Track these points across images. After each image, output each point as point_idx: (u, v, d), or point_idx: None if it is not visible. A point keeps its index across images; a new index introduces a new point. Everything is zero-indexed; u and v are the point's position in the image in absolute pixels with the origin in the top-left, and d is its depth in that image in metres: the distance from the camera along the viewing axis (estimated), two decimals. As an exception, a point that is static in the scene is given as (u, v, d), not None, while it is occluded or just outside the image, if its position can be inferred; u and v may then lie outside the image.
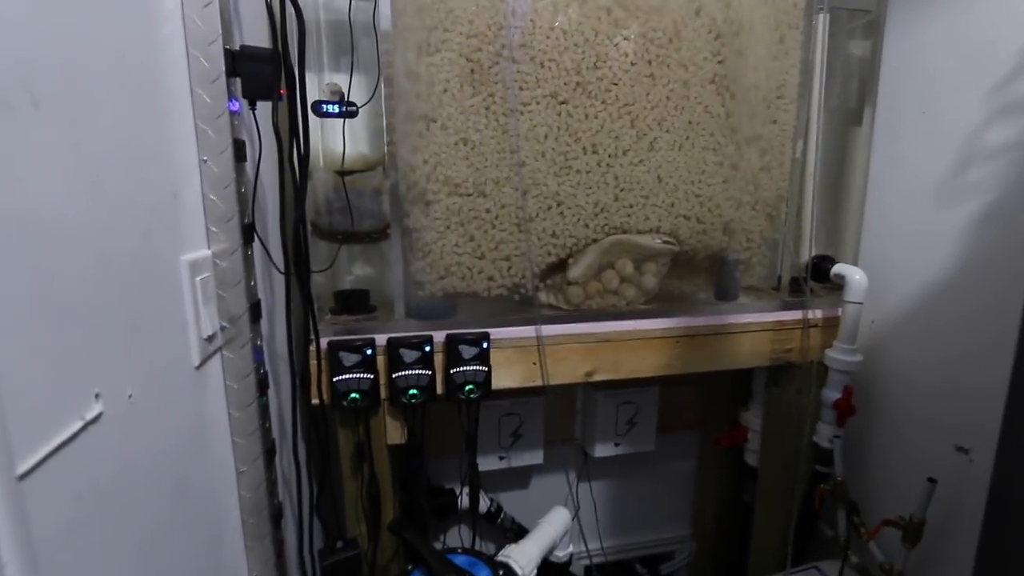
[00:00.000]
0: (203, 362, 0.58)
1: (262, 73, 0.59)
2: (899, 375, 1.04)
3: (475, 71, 0.87)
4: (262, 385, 0.68)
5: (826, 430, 1.06)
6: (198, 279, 0.56)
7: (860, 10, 1.11)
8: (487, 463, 1.21)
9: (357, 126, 1.06)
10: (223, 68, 0.58)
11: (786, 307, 1.09)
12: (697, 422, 1.39)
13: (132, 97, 0.46)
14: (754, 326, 1.07)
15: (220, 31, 0.57)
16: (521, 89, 0.89)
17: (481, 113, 0.89)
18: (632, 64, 0.93)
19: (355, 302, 0.98)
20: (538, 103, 0.90)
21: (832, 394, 1.05)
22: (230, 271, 0.62)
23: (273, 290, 0.77)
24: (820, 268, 1.10)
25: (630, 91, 0.94)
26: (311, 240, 0.92)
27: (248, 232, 0.63)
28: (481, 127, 0.89)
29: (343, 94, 0.85)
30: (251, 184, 0.63)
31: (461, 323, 0.96)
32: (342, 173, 0.90)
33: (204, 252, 0.59)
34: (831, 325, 1.10)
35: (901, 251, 1.04)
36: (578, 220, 0.96)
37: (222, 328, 0.62)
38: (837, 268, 1.06)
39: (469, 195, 0.90)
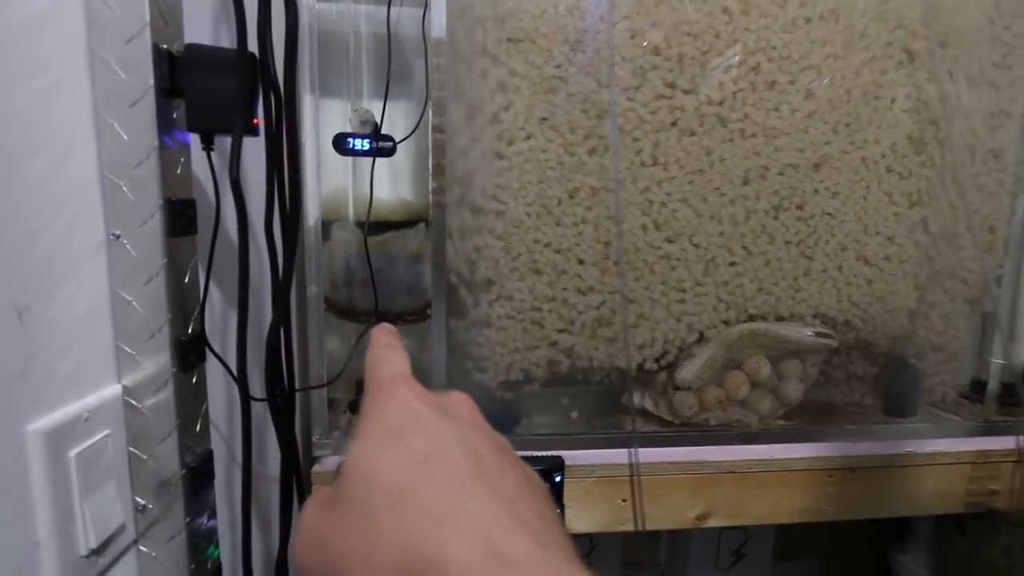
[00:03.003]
0: (86, 586, 0.32)
1: (221, 89, 0.34)
2: None
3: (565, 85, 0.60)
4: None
5: (1058, 622, 0.70)
6: (74, 453, 0.31)
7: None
8: (546, 597, 0.91)
9: (400, 166, 0.81)
10: (152, 81, 0.33)
11: (991, 430, 0.74)
12: (823, 550, 1.04)
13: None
14: (944, 457, 0.72)
15: (148, 19, 0.33)
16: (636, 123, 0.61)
17: (571, 137, 0.62)
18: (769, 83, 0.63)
19: (383, 396, 0.72)
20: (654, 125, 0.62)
21: (1071, 570, 0.69)
22: (156, 414, 0.36)
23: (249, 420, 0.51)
24: (1047, 377, 0.74)
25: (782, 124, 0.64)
26: (326, 319, 0.67)
27: (190, 349, 0.37)
28: (565, 157, 0.62)
29: (376, 125, 0.60)
30: (202, 269, 0.38)
31: (524, 440, 0.67)
32: (371, 229, 0.65)
33: (103, 395, 0.34)
34: (1059, 459, 0.74)
35: None
36: (696, 297, 0.67)
37: (140, 509, 0.37)
38: (1084, 382, 0.70)
39: (553, 252, 0.63)
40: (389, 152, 0.58)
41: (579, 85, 0.60)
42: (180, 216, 0.35)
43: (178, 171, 0.36)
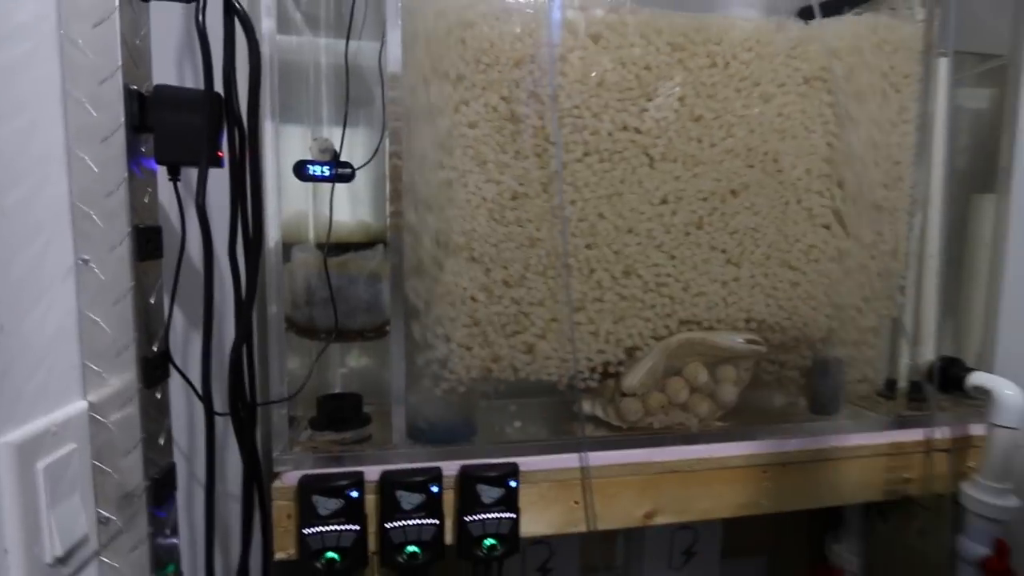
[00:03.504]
0: (52, 595, 0.34)
1: (189, 126, 0.37)
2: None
3: (508, 119, 0.65)
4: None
5: (967, 595, 0.77)
6: (42, 465, 0.33)
7: (988, 55, 0.88)
8: (509, 606, 0.94)
9: (359, 189, 0.84)
10: (123, 119, 0.36)
11: (903, 424, 0.82)
12: (767, 545, 1.10)
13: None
14: (863, 450, 0.80)
15: (120, 62, 0.36)
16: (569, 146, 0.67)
17: (513, 165, 0.67)
18: (688, 117, 0.70)
19: (344, 412, 0.74)
20: (596, 155, 0.68)
21: (975, 547, 0.76)
22: (121, 429, 0.38)
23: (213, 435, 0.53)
24: (948, 375, 0.83)
25: (693, 148, 0.71)
26: (287, 339, 0.69)
27: (155, 366, 0.39)
28: (515, 183, 0.66)
29: (335, 152, 0.63)
30: (167, 291, 0.40)
31: (479, 449, 0.71)
32: (331, 250, 0.68)
33: (69, 410, 0.36)
34: (961, 448, 0.83)
35: (1063, 357, 0.77)
36: (637, 310, 0.72)
37: (103, 521, 0.38)
38: (978, 378, 0.79)
39: (493, 272, 0.67)
40: (348, 178, 0.61)
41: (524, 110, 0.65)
42: (147, 242, 0.38)
43: (145, 200, 0.39)
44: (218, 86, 0.40)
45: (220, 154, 0.39)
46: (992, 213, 0.85)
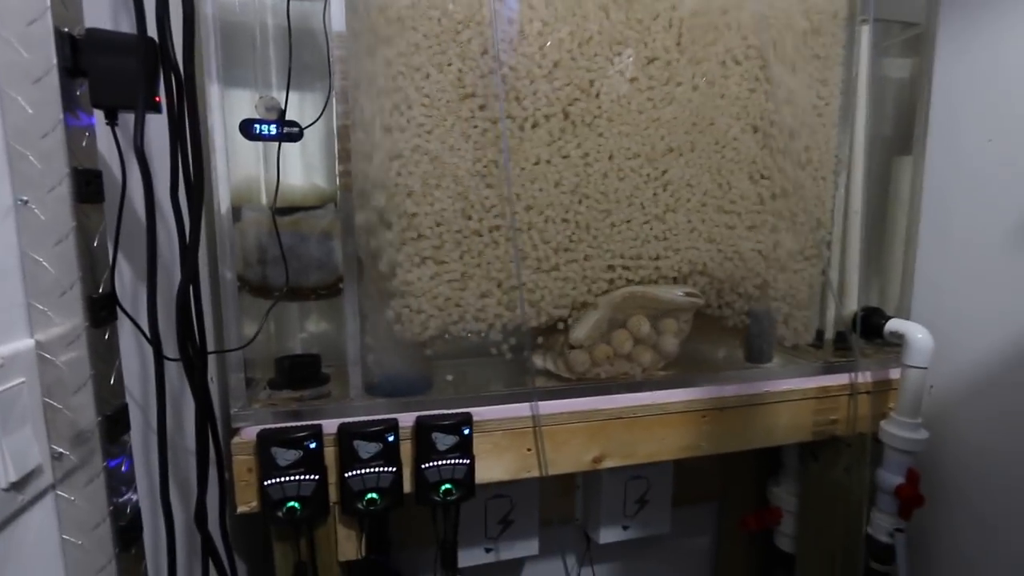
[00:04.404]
0: (6, 521, 0.35)
1: (122, 69, 0.38)
2: (977, 453, 0.83)
3: (457, 77, 0.67)
4: (126, 534, 0.44)
5: (885, 521, 0.85)
6: (-10, 393, 0.34)
7: (906, 23, 0.94)
8: (471, 557, 0.97)
9: (311, 152, 0.85)
10: (55, 61, 0.37)
11: (829, 370, 0.88)
12: (716, 492, 1.17)
13: None
14: (794, 394, 0.86)
15: (49, 4, 0.36)
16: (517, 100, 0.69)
17: (461, 124, 0.69)
18: (639, 86, 0.74)
19: (302, 372, 0.75)
20: (538, 120, 0.71)
21: (891, 477, 0.84)
22: (70, 368, 0.39)
23: (171, 377, 0.54)
24: (869, 323, 0.89)
25: (638, 115, 0.74)
26: (241, 298, 0.70)
27: (102, 306, 0.41)
28: (460, 142, 0.68)
29: (282, 111, 0.64)
30: (110, 234, 0.41)
31: (435, 401, 0.74)
32: (281, 212, 0.69)
33: (16, 346, 0.37)
34: (881, 391, 0.90)
35: (969, 301, 0.84)
36: (581, 265, 0.75)
37: (56, 456, 0.40)
38: (893, 324, 0.86)
39: (444, 226, 0.69)
40: (295, 137, 0.62)
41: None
42: (87, 184, 0.39)
43: (83, 144, 0.39)
44: (152, 34, 0.40)
45: (157, 99, 0.40)
46: (909, 174, 0.92)
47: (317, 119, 0.66)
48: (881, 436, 0.85)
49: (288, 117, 0.67)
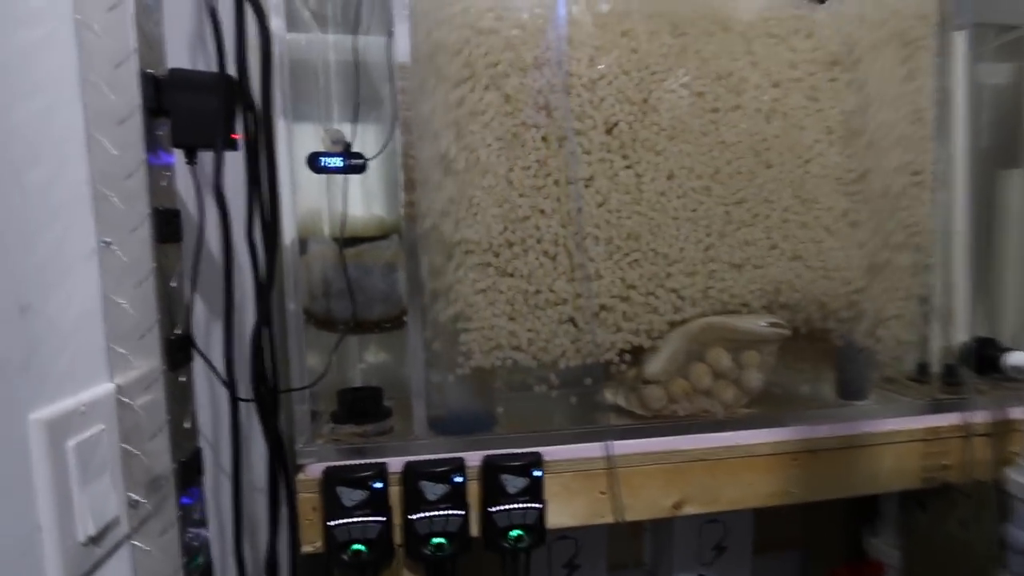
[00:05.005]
0: (82, 578, 0.33)
1: (204, 108, 0.38)
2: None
3: (515, 120, 0.65)
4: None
5: (1015, 585, 0.74)
6: (72, 443, 0.33)
7: (1004, 25, 0.86)
8: (535, 604, 0.92)
9: (372, 183, 0.85)
10: (139, 101, 0.37)
11: (938, 408, 0.79)
12: (800, 540, 1.06)
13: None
14: (898, 436, 0.77)
15: (135, 46, 0.36)
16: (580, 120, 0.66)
17: (521, 151, 0.66)
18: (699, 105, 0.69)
19: (365, 405, 0.74)
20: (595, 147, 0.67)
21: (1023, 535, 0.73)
22: (147, 412, 0.38)
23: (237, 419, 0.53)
24: (983, 355, 0.80)
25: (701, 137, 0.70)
26: (305, 331, 0.69)
27: (178, 348, 0.40)
28: (519, 169, 0.66)
29: (347, 143, 0.64)
30: (187, 275, 0.41)
31: (501, 440, 0.70)
32: (346, 243, 0.68)
33: (96, 391, 0.36)
34: (1002, 432, 0.79)
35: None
36: (667, 305, 0.70)
37: (133, 504, 0.38)
38: (1014, 358, 0.76)
39: (502, 255, 0.66)
40: (360, 168, 0.61)
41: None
42: (166, 224, 0.38)
43: (163, 184, 0.39)
44: (231, 72, 0.40)
45: (235, 136, 0.40)
46: (1020, 188, 0.83)
47: (382, 150, 0.65)
48: (1010, 487, 0.74)
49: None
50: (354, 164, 0.61)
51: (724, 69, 0.69)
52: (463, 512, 0.65)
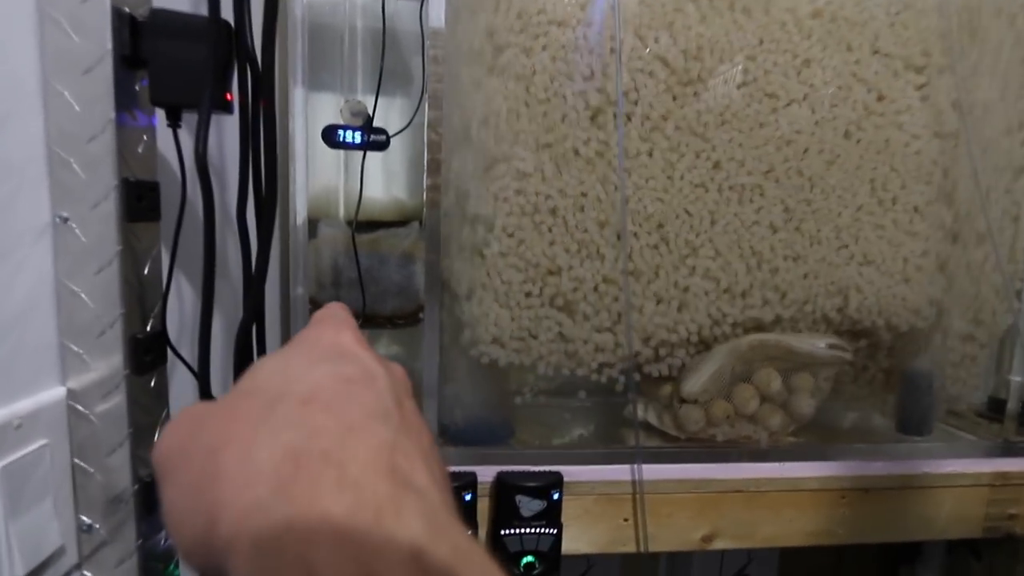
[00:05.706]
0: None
1: (191, 59, 0.31)
2: None
3: (557, 96, 0.57)
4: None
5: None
6: (2, 464, 0.27)
7: None
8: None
9: (393, 162, 0.78)
10: (109, 46, 0.30)
11: (1010, 451, 0.70)
12: (831, 572, 0.99)
13: None
14: (962, 479, 0.68)
15: (107, -24, 0.29)
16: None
17: (564, 146, 0.58)
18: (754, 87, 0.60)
19: (372, 405, 0.67)
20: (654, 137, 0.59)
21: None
22: (106, 423, 0.32)
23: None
24: (1069, 395, 0.70)
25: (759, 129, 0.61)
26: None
27: (148, 348, 0.33)
28: (560, 164, 0.58)
29: (368, 117, 0.56)
30: (163, 261, 0.34)
31: (518, 455, 0.63)
32: (361, 228, 0.61)
33: (40, 399, 0.29)
34: (1081, 481, 0.70)
35: None
36: (702, 303, 0.63)
37: (85, 528, 0.32)
38: (1110, 402, 0.66)
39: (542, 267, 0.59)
40: (382, 146, 0.54)
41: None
42: (139, 199, 0.31)
43: (140, 149, 0.32)
44: (227, 15, 0.33)
45: (229, 97, 0.32)
46: None
47: (407, 125, 0.58)
48: (1085, 545, 0.65)
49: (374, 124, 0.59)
50: (375, 140, 0.53)
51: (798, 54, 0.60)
52: (471, 532, 0.58)
